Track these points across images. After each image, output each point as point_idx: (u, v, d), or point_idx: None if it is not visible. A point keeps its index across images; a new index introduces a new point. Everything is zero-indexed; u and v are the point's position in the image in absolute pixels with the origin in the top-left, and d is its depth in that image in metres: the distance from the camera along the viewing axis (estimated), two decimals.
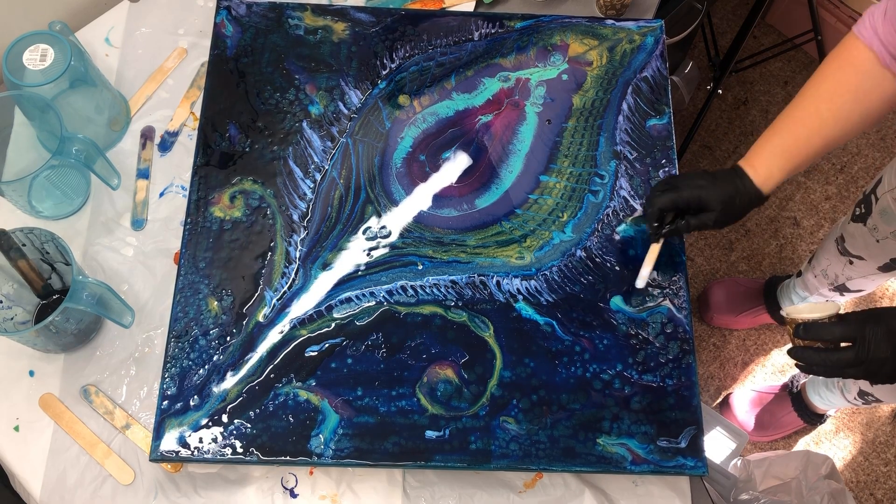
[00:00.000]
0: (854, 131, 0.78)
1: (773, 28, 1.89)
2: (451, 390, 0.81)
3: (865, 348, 0.69)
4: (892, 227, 1.07)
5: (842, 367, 0.71)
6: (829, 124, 0.77)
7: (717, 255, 1.67)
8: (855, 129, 0.78)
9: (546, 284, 0.86)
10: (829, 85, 0.77)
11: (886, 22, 0.73)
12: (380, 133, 0.92)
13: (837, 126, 0.77)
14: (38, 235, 0.80)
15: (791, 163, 0.78)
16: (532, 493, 0.83)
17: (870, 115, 0.77)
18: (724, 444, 1.28)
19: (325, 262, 0.86)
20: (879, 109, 0.77)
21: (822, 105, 0.77)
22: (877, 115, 0.77)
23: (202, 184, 0.89)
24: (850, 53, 0.76)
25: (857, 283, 1.26)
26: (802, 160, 0.78)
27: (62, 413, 0.83)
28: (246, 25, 0.97)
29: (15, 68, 0.86)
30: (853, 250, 1.19)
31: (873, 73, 0.75)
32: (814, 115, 0.77)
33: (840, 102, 0.76)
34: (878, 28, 0.74)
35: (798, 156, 0.78)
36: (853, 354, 0.70)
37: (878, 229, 1.10)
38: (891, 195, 1.04)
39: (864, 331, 0.69)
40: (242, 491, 0.82)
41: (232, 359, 0.81)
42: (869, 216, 1.11)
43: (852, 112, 0.76)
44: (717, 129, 1.79)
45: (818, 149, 0.78)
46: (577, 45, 0.98)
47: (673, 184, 0.80)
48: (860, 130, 0.79)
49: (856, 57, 0.76)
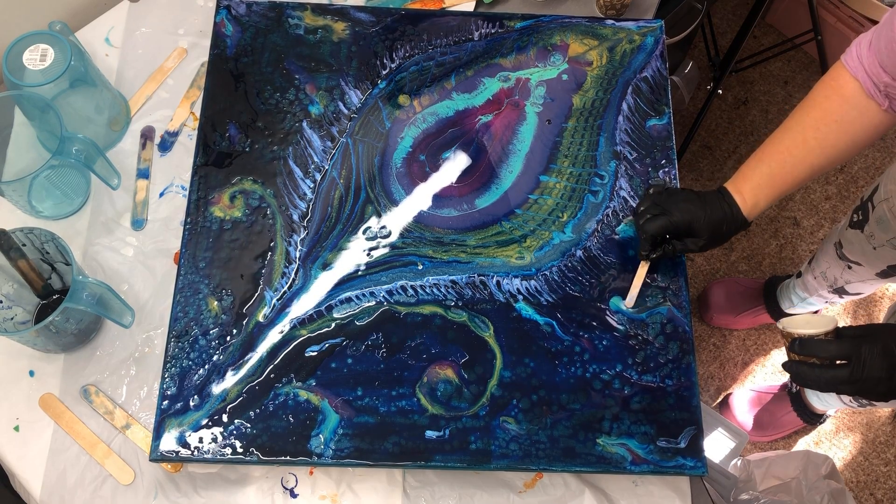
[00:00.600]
0: (840, 159, 0.79)
1: (773, 28, 1.89)
2: (451, 390, 0.81)
3: (861, 367, 0.69)
4: (888, 236, 1.07)
5: (836, 385, 0.71)
6: (816, 153, 0.78)
7: (717, 255, 1.67)
8: (841, 157, 0.79)
9: (546, 284, 0.86)
10: (817, 113, 0.78)
11: (871, 53, 0.74)
12: (380, 133, 0.92)
13: (823, 154, 0.78)
14: (38, 235, 0.80)
15: (776, 191, 0.80)
16: (532, 493, 0.83)
17: (856, 143, 0.78)
18: (724, 444, 1.28)
19: (325, 262, 0.86)
20: (865, 138, 0.78)
21: (809, 133, 0.78)
22: (863, 144, 0.78)
23: (202, 184, 0.89)
24: (837, 83, 0.77)
25: (856, 286, 1.26)
26: (787, 188, 0.80)
27: (62, 413, 0.83)
28: (246, 25, 0.97)
29: (15, 68, 0.86)
30: (851, 256, 1.19)
31: (858, 102, 0.76)
32: (801, 143, 0.78)
33: (826, 132, 0.77)
34: (863, 58, 0.75)
35: (784, 184, 0.80)
36: (848, 373, 0.69)
37: (874, 237, 1.10)
38: (886, 204, 1.04)
39: (859, 349, 0.69)
40: (242, 491, 0.82)
41: (232, 359, 0.81)
42: (866, 223, 1.11)
43: (838, 141, 0.77)
44: (717, 129, 1.79)
45: (804, 177, 0.79)
46: (577, 45, 0.98)
47: (663, 208, 0.81)
48: (847, 158, 0.79)
49: (842, 86, 0.77)
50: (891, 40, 0.71)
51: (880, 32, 0.73)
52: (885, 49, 0.72)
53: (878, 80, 0.73)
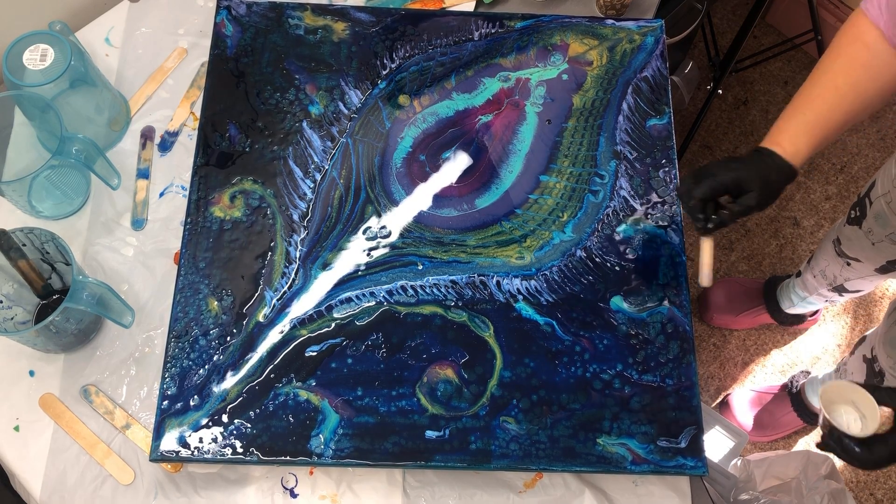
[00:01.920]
0: (872, 105, 0.77)
1: (773, 28, 1.89)
2: (451, 390, 0.81)
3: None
4: (886, 231, 1.07)
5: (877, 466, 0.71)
6: (849, 98, 0.76)
7: (717, 255, 1.67)
8: (873, 103, 0.77)
9: (546, 284, 0.86)
10: (844, 60, 0.76)
11: (889, 8, 0.73)
12: (380, 133, 0.92)
13: (858, 100, 0.76)
14: (38, 235, 0.80)
15: (815, 138, 0.77)
16: (532, 493, 0.83)
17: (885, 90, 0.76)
18: (724, 444, 1.28)
19: (325, 262, 0.86)
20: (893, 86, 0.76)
21: (839, 79, 0.76)
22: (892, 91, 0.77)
23: (202, 184, 0.89)
24: (859, 30, 0.76)
25: (855, 283, 1.26)
26: (826, 134, 0.77)
27: (62, 413, 0.83)
28: (246, 25, 0.97)
29: (15, 68, 0.86)
30: (850, 252, 1.19)
31: (881, 50, 0.75)
32: (832, 89, 0.76)
33: (856, 77, 0.76)
34: (882, 8, 0.74)
35: (822, 130, 0.77)
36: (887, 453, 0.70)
37: (873, 232, 1.10)
38: (884, 199, 1.04)
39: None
40: (242, 491, 0.82)
41: (232, 359, 0.81)
42: (864, 219, 1.11)
43: (869, 87, 0.76)
44: (717, 129, 1.79)
45: (840, 123, 0.77)
46: (577, 45, 0.98)
47: (706, 172, 0.77)
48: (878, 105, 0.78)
49: (864, 33, 0.76)
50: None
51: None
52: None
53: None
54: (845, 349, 1.60)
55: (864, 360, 1.17)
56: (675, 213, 0.90)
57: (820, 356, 1.60)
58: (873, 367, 1.14)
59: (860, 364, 1.19)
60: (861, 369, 1.18)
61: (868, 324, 1.62)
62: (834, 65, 0.77)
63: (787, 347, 1.60)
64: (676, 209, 0.90)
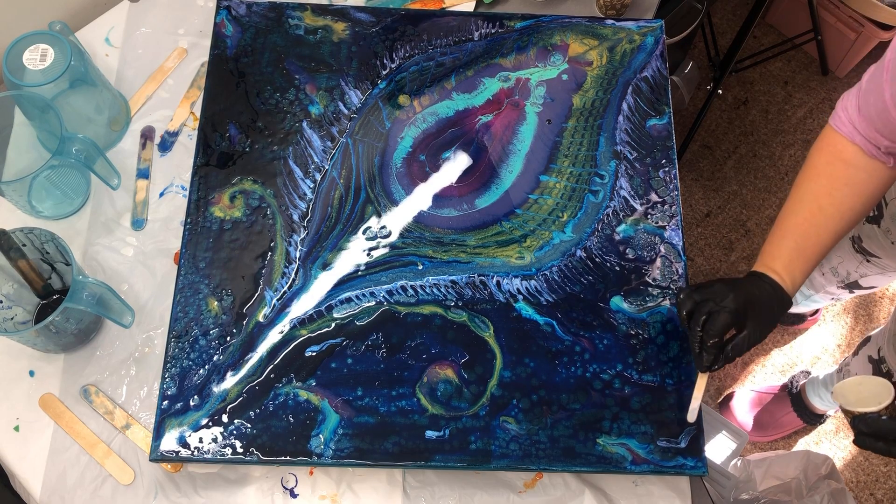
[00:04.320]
0: (858, 218, 0.77)
1: (773, 28, 1.89)
2: (451, 390, 0.81)
3: None
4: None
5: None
6: (835, 218, 0.76)
7: (717, 255, 1.67)
8: (859, 216, 0.77)
9: (546, 284, 0.86)
10: (825, 181, 0.77)
11: (862, 119, 0.73)
12: (380, 133, 0.92)
13: (843, 218, 0.76)
14: (38, 235, 0.80)
15: (808, 263, 0.77)
16: (532, 493, 0.83)
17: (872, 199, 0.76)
18: (724, 444, 1.28)
19: (325, 262, 0.86)
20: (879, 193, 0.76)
21: (824, 201, 0.76)
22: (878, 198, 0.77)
23: (202, 184, 0.89)
24: (835, 148, 0.76)
25: (871, 280, 1.25)
26: (817, 258, 0.77)
27: (62, 413, 0.83)
28: (246, 25, 0.97)
29: (15, 68, 0.86)
30: (871, 249, 1.19)
31: (864, 164, 0.75)
32: (817, 212, 0.76)
33: (840, 196, 0.76)
34: (855, 123, 0.74)
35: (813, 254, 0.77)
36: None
37: (890, 231, 1.10)
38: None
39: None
40: (242, 491, 0.82)
41: (232, 359, 0.81)
42: (881, 218, 1.11)
43: (854, 203, 0.76)
44: (717, 129, 1.79)
45: (829, 243, 0.77)
46: (577, 45, 0.98)
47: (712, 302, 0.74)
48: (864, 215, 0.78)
49: (841, 151, 0.76)
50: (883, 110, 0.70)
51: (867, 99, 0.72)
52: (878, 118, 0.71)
53: (877, 143, 0.73)
54: (846, 349, 1.60)
55: (871, 361, 1.17)
56: (675, 213, 0.90)
57: (820, 356, 1.60)
58: (880, 367, 1.14)
59: (865, 365, 1.19)
60: (866, 370, 1.18)
61: (868, 323, 1.62)
62: (815, 186, 0.77)
63: (787, 347, 1.60)
64: (677, 209, 0.90)
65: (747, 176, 1.74)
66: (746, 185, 1.73)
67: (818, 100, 1.81)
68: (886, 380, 0.71)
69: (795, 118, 1.79)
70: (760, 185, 1.73)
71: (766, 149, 1.77)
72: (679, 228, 0.89)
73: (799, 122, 1.79)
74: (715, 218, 1.71)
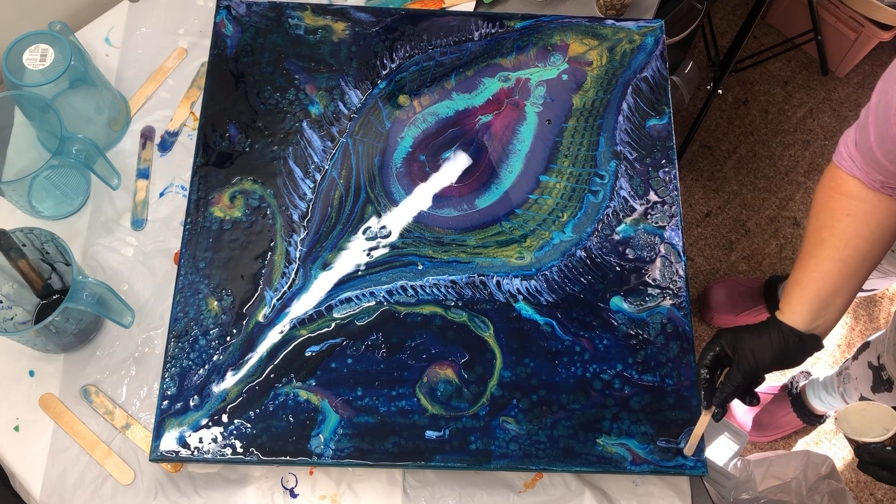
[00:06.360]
0: (872, 247, 0.75)
1: (773, 28, 1.89)
2: (451, 390, 0.81)
3: None
4: None
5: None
6: (839, 248, 0.75)
7: (717, 254, 1.67)
8: (871, 244, 0.75)
9: (546, 284, 0.86)
10: (826, 214, 0.76)
11: (859, 153, 0.74)
12: (380, 133, 0.92)
13: (850, 246, 0.75)
14: (38, 235, 0.80)
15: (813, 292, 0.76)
16: (532, 493, 0.83)
17: (882, 230, 0.75)
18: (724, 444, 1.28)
19: (325, 262, 0.86)
20: (892, 223, 0.75)
21: (825, 233, 0.76)
22: (891, 231, 0.76)
23: (202, 184, 0.89)
24: (836, 182, 0.77)
25: (872, 283, 1.25)
26: (823, 288, 0.76)
27: (62, 413, 0.83)
28: (246, 25, 0.97)
29: (15, 68, 0.86)
30: None
31: (864, 195, 0.75)
32: (819, 244, 0.76)
33: (841, 227, 0.75)
34: (853, 157, 0.75)
35: (817, 285, 0.76)
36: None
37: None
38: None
39: None
40: (242, 491, 0.82)
41: (232, 359, 0.81)
42: None
43: (860, 231, 0.75)
44: (717, 129, 1.79)
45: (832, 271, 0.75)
46: (577, 45, 0.98)
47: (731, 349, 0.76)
48: (885, 244, 0.76)
49: (840, 185, 0.76)
50: (868, 150, 0.71)
51: (859, 137, 0.73)
52: (868, 155, 0.72)
53: (873, 178, 0.73)
54: (846, 349, 1.60)
55: (871, 367, 1.17)
56: (674, 213, 0.90)
57: (820, 356, 1.60)
58: (881, 374, 1.14)
59: (865, 370, 1.19)
60: (867, 375, 1.18)
61: (868, 324, 1.62)
62: (818, 222, 0.77)
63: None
64: (677, 209, 0.90)
65: (747, 176, 1.74)
66: (746, 185, 1.73)
67: (818, 100, 1.81)
68: (890, 408, 0.71)
69: (795, 118, 1.79)
70: (760, 185, 1.73)
71: (766, 149, 1.77)
72: (679, 228, 0.89)
73: (799, 122, 1.79)
74: (715, 218, 1.71)
